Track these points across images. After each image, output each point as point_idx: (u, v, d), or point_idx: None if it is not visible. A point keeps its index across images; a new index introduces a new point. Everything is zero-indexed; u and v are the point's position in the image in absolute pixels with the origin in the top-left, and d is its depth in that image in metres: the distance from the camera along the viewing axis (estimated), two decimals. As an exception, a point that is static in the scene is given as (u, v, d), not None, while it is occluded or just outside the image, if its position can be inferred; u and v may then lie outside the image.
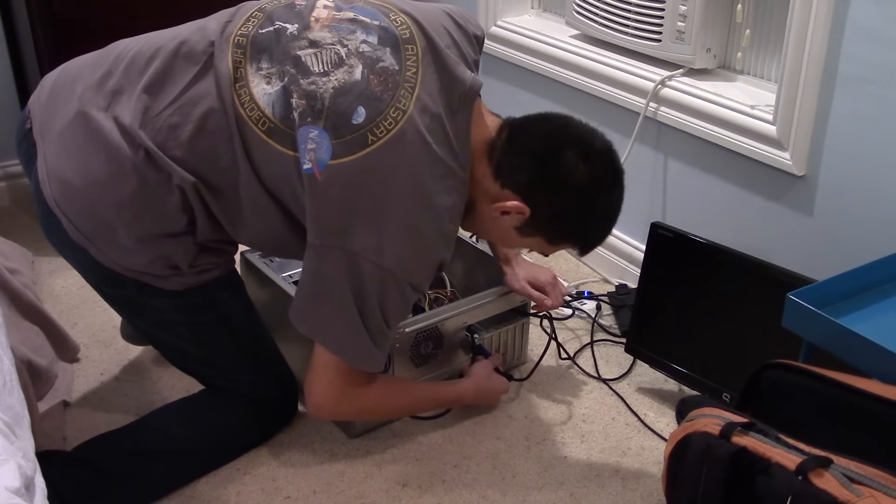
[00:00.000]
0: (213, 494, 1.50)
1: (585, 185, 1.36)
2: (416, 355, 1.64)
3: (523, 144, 1.37)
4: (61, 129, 1.39)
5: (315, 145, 1.29)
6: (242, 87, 1.33)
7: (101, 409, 1.68)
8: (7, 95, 2.40)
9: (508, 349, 1.79)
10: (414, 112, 1.31)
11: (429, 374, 1.68)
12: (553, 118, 1.41)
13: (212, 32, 1.38)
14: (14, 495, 0.90)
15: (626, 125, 2.02)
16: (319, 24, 1.37)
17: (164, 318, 1.49)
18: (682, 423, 1.17)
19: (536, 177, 1.36)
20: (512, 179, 1.37)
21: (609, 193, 1.40)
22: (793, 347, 1.29)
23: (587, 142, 1.37)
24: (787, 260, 1.60)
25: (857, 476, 0.99)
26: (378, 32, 1.36)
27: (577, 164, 1.34)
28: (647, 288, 1.75)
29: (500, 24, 2.35)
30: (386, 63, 1.33)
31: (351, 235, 1.29)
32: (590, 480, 1.54)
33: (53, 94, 1.44)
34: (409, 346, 1.62)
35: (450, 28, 1.42)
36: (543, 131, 1.38)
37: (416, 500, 1.50)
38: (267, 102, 1.33)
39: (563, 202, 1.38)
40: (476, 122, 1.39)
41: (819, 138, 1.60)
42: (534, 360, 1.84)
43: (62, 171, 1.38)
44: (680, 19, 1.82)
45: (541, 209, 1.38)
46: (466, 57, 1.43)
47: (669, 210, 1.99)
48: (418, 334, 1.62)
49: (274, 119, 1.32)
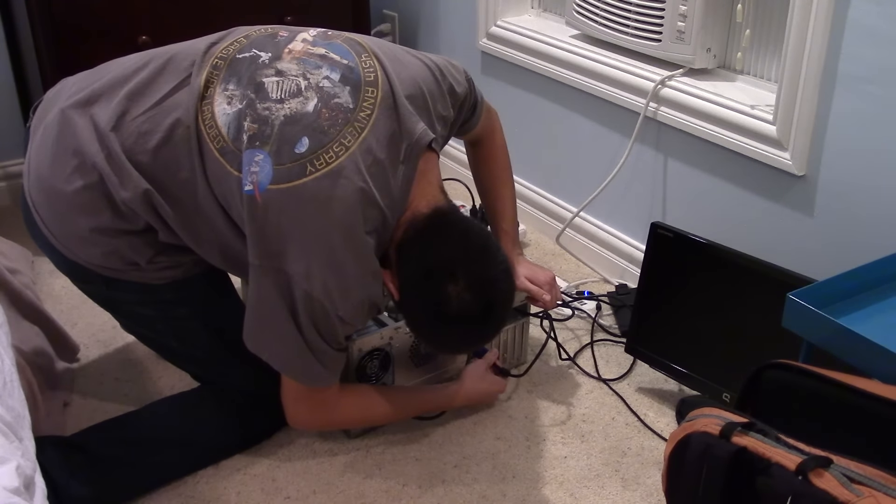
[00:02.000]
0: (213, 494, 1.50)
1: (452, 317, 1.37)
2: (415, 355, 1.64)
3: (428, 246, 1.39)
4: (44, 127, 1.45)
5: (258, 168, 1.33)
6: (207, 105, 1.38)
7: (101, 409, 1.68)
8: (7, 96, 2.40)
9: (508, 349, 1.79)
10: (357, 151, 1.34)
11: (430, 374, 1.68)
12: (472, 238, 1.40)
13: (198, 50, 1.44)
14: (13, 495, 0.90)
15: (626, 125, 2.02)
16: (291, 55, 1.41)
17: (137, 311, 1.52)
18: (682, 423, 1.17)
19: (416, 284, 1.39)
20: (401, 266, 1.40)
21: (468, 329, 1.42)
22: (793, 347, 1.29)
23: (478, 286, 1.36)
24: (787, 260, 1.60)
25: (857, 476, 0.99)
26: (342, 71, 1.39)
27: (455, 298, 1.35)
28: (647, 288, 1.75)
29: (500, 24, 2.35)
30: (341, 100, 1.36)
31: (285, 258, 1.33)
32: (590, 480, 1.54)
33: (47, 102, 1.50)
34: (409, 346, 1.62)
35: (424, 81, 1.45)
36: (452, 248, 1.38)
37: (416, 500, 1.50)
38: (224, 122, 1.36)
39: (425, 316, 1.40)
40: (420, 181, 1.41)
41: (819, 138, 1.60)
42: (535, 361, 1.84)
43: (38, 165, 1.44)
44: (680, 19, 1.82)
45: (405, 307, 1.42)
46: (431, 112, 1.45)
47: (669, 210, 1.99)
48: None
49: (227, 139, 1.36)
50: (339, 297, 1.35)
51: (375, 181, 1.35)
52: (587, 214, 2.21)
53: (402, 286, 1.40)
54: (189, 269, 1.49)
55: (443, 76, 1.49)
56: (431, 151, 1.44)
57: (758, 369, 1.19)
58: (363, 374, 1.58)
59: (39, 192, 1.44)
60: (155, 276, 1.46)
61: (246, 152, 1.34)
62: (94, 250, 1.43)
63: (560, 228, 2.25)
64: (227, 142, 1.35)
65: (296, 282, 1.33)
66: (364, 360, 1.58)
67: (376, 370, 1.60)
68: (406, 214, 1.40)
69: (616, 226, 2.16)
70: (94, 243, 1.42)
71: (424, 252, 1.38)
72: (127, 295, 1.48)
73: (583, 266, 2.23)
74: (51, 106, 1.48)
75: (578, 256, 2.25)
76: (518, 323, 1.78)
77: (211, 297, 1.55)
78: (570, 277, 2.18)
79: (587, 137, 2.16)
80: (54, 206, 1.43)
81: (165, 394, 1.72)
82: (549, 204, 2.35)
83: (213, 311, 1.54)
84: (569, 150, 2.25)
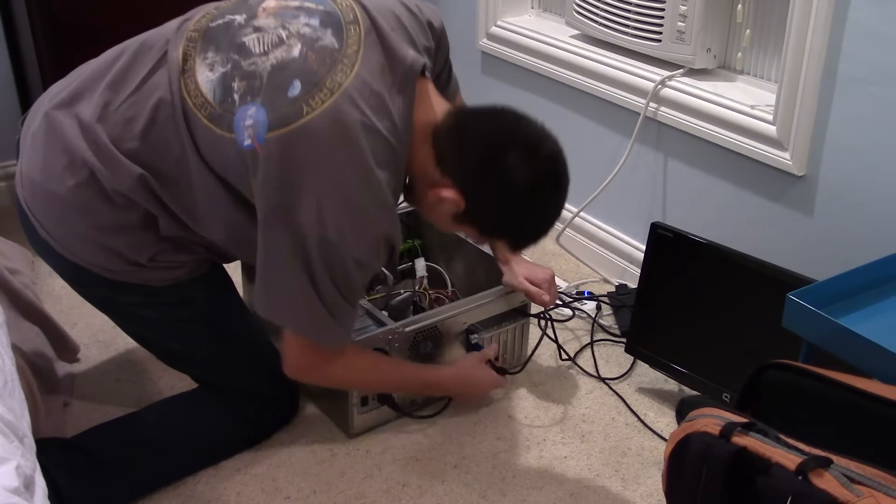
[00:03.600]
0: (213, 494, 1.50)
1: (523, 190, 1.35)
2: (415, 354, 1.64)
3: (469, 138, 1.37)
4: (32, 133, 1.45)
5: (252, 121, 1.30)
6: (189, 77, 1.36)
7: (101, 409, 1.68)
8: (7, 96, 2.40)
9: (508, 350, 1.79)
10: (351, 86, 1.31)
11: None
12: (504, 115, 1.39)
13: (170, 30, 1.43)
14: (13, 495, 0.90)
15: (626, 125, 2.02)
16: (266, 12, 1.39)
17: (139, 314, 1.50)
18: (682, 423, 1.16)
19: (476, 173, 1.36)
20: (452, 170, 1.37)
21: (546, 201, 1.40)
22: (793, 347, 1.29)
23: (534, 146, 1.36)
24: (787, 260, 1.60)
25: (857, 476, 0.99)
26: (320, 16, 1.37)
27: (518, 168, 1.34)
28: (647, 288, 1.75)
29: (500, 24, 2.35)
30: (325, 42, 1.34)
31: (293, 208, 1.29)
32: (590, 480, 1.54)
33: (33, 111, 1.50)
34: (409, 346, 1.62)
35: (400, 13, 1.43)
36: (492, 128, 1.38)
37: (416, 500, 1.50)
38: (209, 89, 1.35)
39: (499, 202, 1.38)
40: (421, 104, 1.39)
41: (819, 138, 1.60)
42: (535, 361, 1.84)
43: (30, 171, 1.44)
44: (680, 19, 1.82)
45: (476, 204, 1.38)
46: (415, 41, 1.42)
47: (669, 210, 1.99)
48: (417, 334, 1.62)
49: (214, 104, 1.34)
50: (354, 236, 1.32)
51: (375, 113, 1.32)
52: (587, 214, 2.21)
53: (466, 188, 1.36)
54: (192, 269, 1.48)
55: (420, 10, 1.47)
56: (425, 79, 1.41)
57: (758, 369, 1.19)
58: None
59: (34, 196, 1.43)
60: (158, 276, 1.45)
61: (239, 110, 1.32)
62: (94, 250, 1.42)
63: (560, 228, 2.24)
64: (214, 107, 1.33)
65: (307, 230, 1.29)
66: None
67: None
68: (417, 136, 1.37)
69: (616, 226, 2.16)
70: (95, 242, 1.41)
71: (467, 144, 1.36)
72: (130, 297, 1.48)
73: (583, 266, 2.23)
74: (35, 113, 1.47)
75: (578, 256, 2.25)
76: (518, 323, 1.78)
77: (213, 298, 1.54)
78: (570, 277, 2.18)
79: (587, 137, 2.16)
80: (51, 209, 1.43)
81: (165, 394, 1.72)
82: (549, 204, 2.35)
83: (216, 313, 1.54)
84: (569, 150, 2.23)
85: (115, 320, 1.59)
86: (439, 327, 1.65)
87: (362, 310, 1.69)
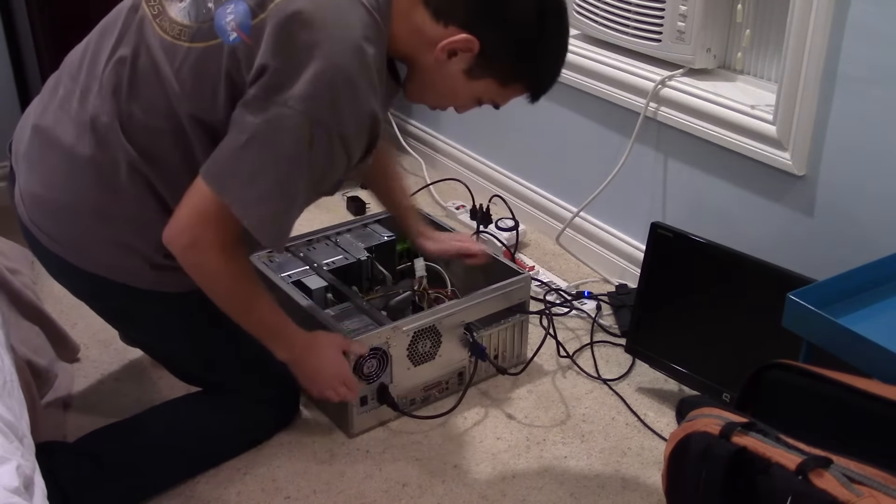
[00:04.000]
0: (213, 494, 1.50)
1: (529, 12, 1.32)
2: (413, 353, 1.64)
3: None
4: (25, 150, 1.44)
5: (233, 15, 1.29)
6: (162, 19, 1.35)
7: (101, 409, 1.68)
8: (7, 95, 2.40)
9: (507, 348, 1.79)
10: None
11: (429, 374, 1.68)
12: None
13: (125, 4, 1.41)
14: (13, 494, 0.90)
15: (626, 125, 2.02)
16: None
17: (159, 321, 1.50)
18: (682, 423, 1.17)
19: (481, 6, 1.32)
20: (453, 13, 1.32)
21: (554, 23, 1.36)
22: (793, 347, 1.29)
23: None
24: (787, 260, 1.60)
25: (857, 476, 0.99)
26: None
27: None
28: (647, 288, 1.75)
29: (500, 24, 2.34)
30: None
31: (280, 87, 1.26)
32: (590, 480, 1.54)
33: (18, 136, 1.49)
34: (407, 345, 1.62)
35: None
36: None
37: (416, 500, 1.50)
38: (184, 15, 1.34)
39: (510, 28, 1.33)
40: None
41: (819, 138, 1.60)
42: (535, 361, 1.84)
43: (31, 188, 1.42)
44: (680, 19, 1.82)
45: (489, 42, 1.33)
46: None
47: (669, 210, 1.99)
48: (416, 332, 1.62)
49: (193, 24, 1.32)
50: (344, 108, 1.28)
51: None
52: (587, 214, 2.21)
53: (476, 27, 1.31)
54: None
55: None
56: None
57: (758, 369, 1.19)
58: (361, 373, 1.58)
59: (41, 212, 1.41)
60: (176, 281, 1.43)
61: (217, 13, 1.30)
62: (113, 251, 1.40)
63: (560, 228, 2.24)
64: (193, 26, 1.32)
65: (292, 107, 1.25)
66: (362, 359, 1.58)
67: (374, 369, 1.60)
68: (401, 6, 1.33)
69: (616, 226, 2.16)
70: (112, 242, 1.40)
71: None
72: (149, 305, 1.46)
73: (583, 266, 2.23)
74: (22, 134, 1.46)
75: (578, 256, 2.25)
76: (517, 321, 1.78)
77: None
78: (570, 277, 2.18)
79: (587, 137, 2.16)
80: (61, 221, 1.41)
81: (165, 393, 1.72)
82: (549, 204, 2.35)
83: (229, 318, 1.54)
84: (569, 150, 2.25)
85: (128, 331, 1.58)
86: (437, 326, 1.64)
87: (361, 311, 1.69)
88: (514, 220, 2.25)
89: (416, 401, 1.69)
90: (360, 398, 1.60)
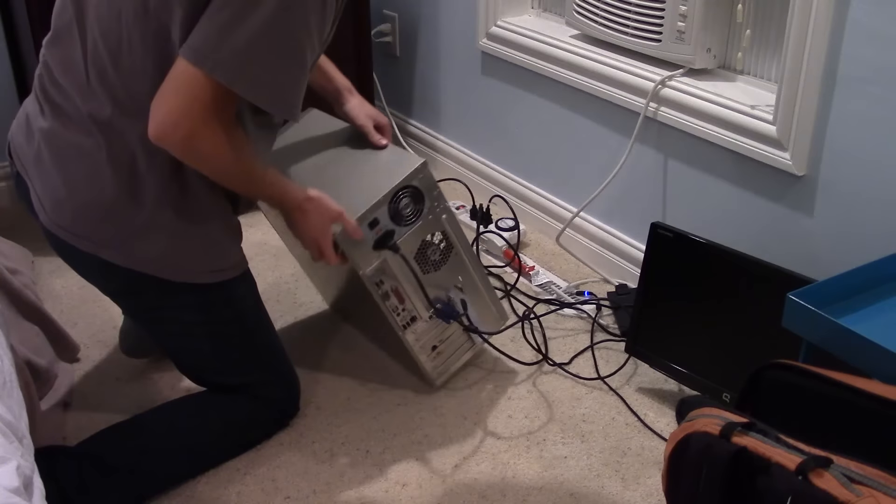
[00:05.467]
0: (213, 494, 1.50)
1: None
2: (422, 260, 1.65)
3: None
4: (34, 157, 1.44)
5: None
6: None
7: (101, 409, 1.68)
8: (7, 95, 2.40)
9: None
10: None
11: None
12: None
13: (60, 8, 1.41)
14: (13, 495, 0.90)
15: (626, 125, 2.02)
16: None
17: (184, 318, 1.51)
18: (682, 423, 1.16)
19: None
20: None
21: None
22: (793, 347, 1.29)
23: None
24: (787, 260, 1.60)
25: (857, 476, 0.99)
26: None
27: None
28: (647, 288, 1.75)
29: (500, 24, 2.35)
30: None
31: None
32: (590, 480, 1.54)
33: (21, 135, 1.48)
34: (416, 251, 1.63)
35: None
36: None
37: (415, 500, 1.50)
38: None
39: None
40: None
41: (819, 138, 1.60)
42: (535, 360, 1.84)
43: (51, 193, 1.43)
44: (680, 19, 1.82)
45: None
46: None
47: (669, 210, 1.99)
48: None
49: None
50: None
51: None
52: (587, 214, 2.21)
53: None
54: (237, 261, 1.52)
55: None
56: None
57: (758, 369, 1.19)
58: (398, 210, 1.59)
59: (69, 215, 1.41)
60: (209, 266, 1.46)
61: None
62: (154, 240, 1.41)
63: (560, 228, 2.24)
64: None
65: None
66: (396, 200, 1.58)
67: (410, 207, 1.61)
68: None
69: (616, 226, 2.16)
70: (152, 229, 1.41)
71: None
72: (180, 299, 1.48)
73: (583, 266, 2.23)
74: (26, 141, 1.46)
75: (578, 256, 2.25)
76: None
77: (249, 299, 1.57)
78: (570, 277, 2.18)
79: (587, 137, 2.16)
80: (90, 219, 1.41)
81: (165, 393, 1.72)
82: (549, 204, 2.35)
83: (250, 315, 1.57)
84: (569, 150, 2.25)
85: (151, 328, 1.59)
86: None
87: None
88: (515, 220, 2.25)
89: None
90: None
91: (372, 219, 1.57)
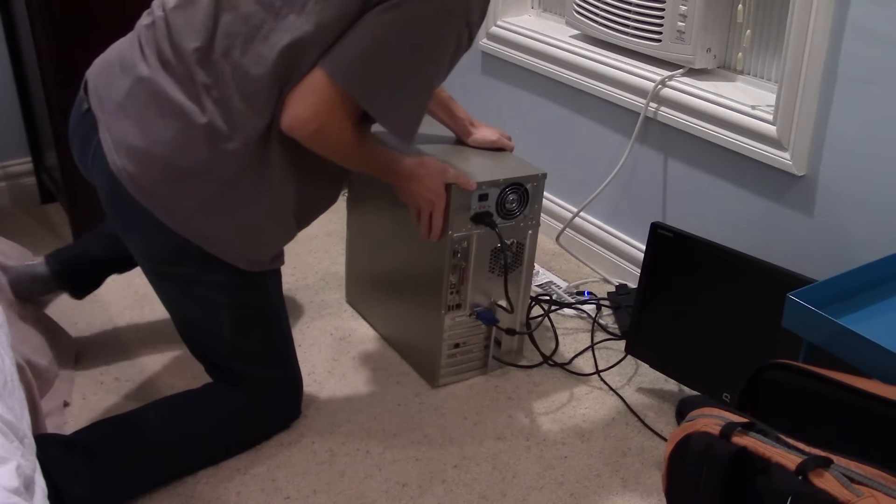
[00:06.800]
0: (213, 494, 1.50)
1: None
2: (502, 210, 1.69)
3: None
4: (122, 99, 1.44)
5: None
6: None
7: (100, 409, 1.68)
8: (7, 96, 2.40)
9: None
10: None
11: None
12: None
13: None
14: (13, 495, 0.90)
15: (626, 125, 2.02)
16: None
17: (212, 298, 1.51)
18: (682, 423, 1.16)
19: None
20: None
21: None
22: (793, 347, 1.29)
23: None
24: (787, 260, 1.60)
25: (857, 476, 0.99)
26: None
27: None
28: (647, 288, 1.75)
29: (500, 24, 2.35)
30: None
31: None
32: (590, 480, 1.55)
33: (107, 74, 1.49)
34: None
35: None
36: None
37: (416, 500, 1.50)
38: None
39: None
40: None
41: (819, 138, 1.60)
42: (534, 361, 1.84)
43: (129, 140, 1.43)
44: (680, 19, 1.82)
45: None
46: None
47: (669, 210, 1.99)
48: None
49: None
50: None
51: None
52: (587, 214, 2.21)
53: None
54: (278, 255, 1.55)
55: None
56: None
57: (758, 369, 1.19)
58: (504, 207, 1.66)
59: (142, 167, 1.42)
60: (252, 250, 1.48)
61: None
62: (220, 214, 1.44)
63: (560, 228, 2.25)
64: None
65: (428, 4, 1.35)
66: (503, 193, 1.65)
67: (515, 204, 1.68)
68: None
69: (616, 226, 2.16)
70: (213, 205, 1.43)
71: None
72: (215, 276, 1.49)
73: (583, 266, 2.23)
74: (116, 81, 1.46)
75: (578, 256, 2.25)
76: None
77: (276, 292, 1.59)
78: (570, 277, 2.18)
79: (587, 137, 2.16)
80: (162, 179, 1.42)
81: (165, 393, 1.71)
82: (549, 204, 2.35)
83: (274, 306, 1.59)
84: (569, 150, 2.25)
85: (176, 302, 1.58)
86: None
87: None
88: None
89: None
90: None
91: (484, 192, 1.63)
